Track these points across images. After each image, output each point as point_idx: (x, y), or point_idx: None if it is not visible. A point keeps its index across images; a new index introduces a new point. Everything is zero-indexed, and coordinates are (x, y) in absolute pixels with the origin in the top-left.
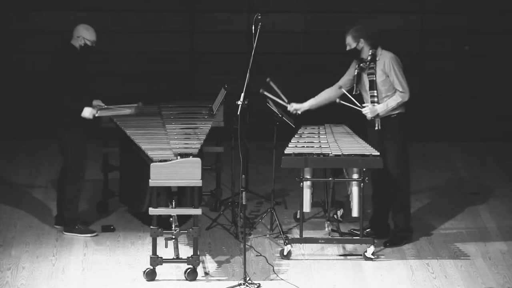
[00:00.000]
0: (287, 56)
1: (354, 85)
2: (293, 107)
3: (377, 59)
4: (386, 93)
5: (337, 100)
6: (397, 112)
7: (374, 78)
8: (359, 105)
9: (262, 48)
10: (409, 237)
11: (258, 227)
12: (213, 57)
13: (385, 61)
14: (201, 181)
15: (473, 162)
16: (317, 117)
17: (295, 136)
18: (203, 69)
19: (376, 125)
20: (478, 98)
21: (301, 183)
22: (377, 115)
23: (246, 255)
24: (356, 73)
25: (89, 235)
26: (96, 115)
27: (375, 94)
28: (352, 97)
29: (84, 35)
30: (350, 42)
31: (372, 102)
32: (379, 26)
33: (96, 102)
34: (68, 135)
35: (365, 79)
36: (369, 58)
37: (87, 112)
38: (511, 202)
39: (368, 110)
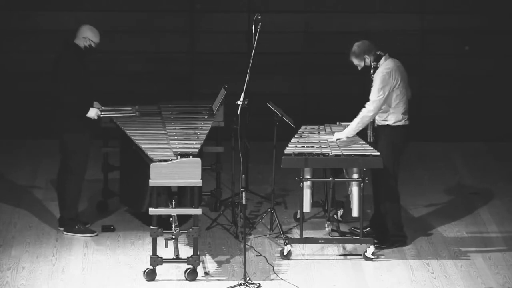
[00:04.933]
0: (287, 56)
1: None
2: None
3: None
4: None
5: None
6: (394, 123)
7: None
8: (328, 138)
9: (262, 48)
10: (403, 241)
11: (258, 227)
12: (213, 57)
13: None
14: (201, 181)
15: (473, 162)
16: (317, 117)
17: (295, 136)
18: (203, 69)
19: (369, 137)
20: (478, 98)
21: (301, 183)
22: (347, 137)
23: (246, 255)
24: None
25: (89, 235)
26: (101, 115)
27: None
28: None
29: (90, 36)
30: (357, 62)
31: None
32: (379, 26)
33: (95, 105)
34: (72, 136)
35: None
36: (372, 71)
37: (92, 113)
38: (511, 202)
39: (336, 136)
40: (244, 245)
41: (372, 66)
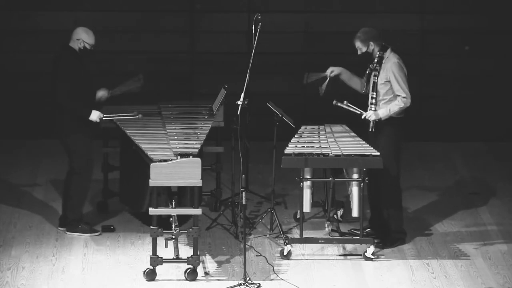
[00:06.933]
0: (287, 56)
1: (365, 84)
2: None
3: (383, 61)
4: (383, 96)
5: (334, 102)
6: (396, 115)
7: (376, 80)
8: (360, 110)
9: (262, 48)
10: (402, 239)
11: (258, 227)
12: (213, 57)
13: (387, 65)
14: (201, 181)
15: (473, 162)
16: (317, 117)
17: (295, 136)
18: (203, 69)
19: (370, 126)
20: (478, 98)
21: (301, 183)
22: (380, 119)
23: (246, 255)
24: (367, 73)
25: (93, 234)
26: (103, 118)
27: (374, 96)
28: (353, 105)
29: (84, 38)
30: (360, 46)
31: (371, 103)
32: (379, 26)
33: (101, 93)
34: (73, 137)
35: (371, 80)
36: (375, 60)
37: (95, 116)
38: (511, 202)
39: (370, 114)
40: (244, 245)
41: (377, 55)
